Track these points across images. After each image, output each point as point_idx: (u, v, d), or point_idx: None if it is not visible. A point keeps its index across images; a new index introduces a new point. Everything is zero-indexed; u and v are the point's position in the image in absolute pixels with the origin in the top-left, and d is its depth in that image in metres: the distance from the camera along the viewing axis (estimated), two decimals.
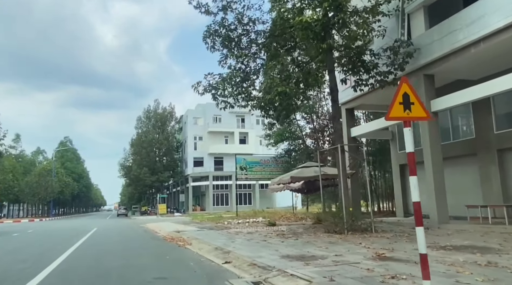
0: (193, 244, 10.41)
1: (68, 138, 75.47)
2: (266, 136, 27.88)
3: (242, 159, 27.05)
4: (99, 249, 10.36)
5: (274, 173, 27.36)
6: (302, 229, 13.43)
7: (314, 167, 13.86)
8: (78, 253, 9.49)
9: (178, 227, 18.32)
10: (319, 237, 10.42)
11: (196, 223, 21.80)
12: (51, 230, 21.38)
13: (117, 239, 13.85)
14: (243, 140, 55.75)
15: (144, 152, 53.22)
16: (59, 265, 7.52)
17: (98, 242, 12.38)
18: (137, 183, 54.84)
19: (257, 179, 27.90)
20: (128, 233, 16.95)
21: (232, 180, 52.65)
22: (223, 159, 54.89)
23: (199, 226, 18.83)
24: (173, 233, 14.65)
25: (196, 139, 55.01)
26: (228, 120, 55.23)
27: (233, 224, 18.96)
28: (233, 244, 9.45)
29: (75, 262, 7.99)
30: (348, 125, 16.31)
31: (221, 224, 19.74)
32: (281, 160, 27.29)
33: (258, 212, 27.96)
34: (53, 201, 55.67)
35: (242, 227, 16.54)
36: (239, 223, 19.43)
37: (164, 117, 55.31)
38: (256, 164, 27.07)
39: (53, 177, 52.92)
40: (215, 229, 15.45)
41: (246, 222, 19.75)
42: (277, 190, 16.73)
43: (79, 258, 8.55)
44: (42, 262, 7.82)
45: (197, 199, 56.77)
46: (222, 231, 14.11)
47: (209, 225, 19.42)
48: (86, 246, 11.25)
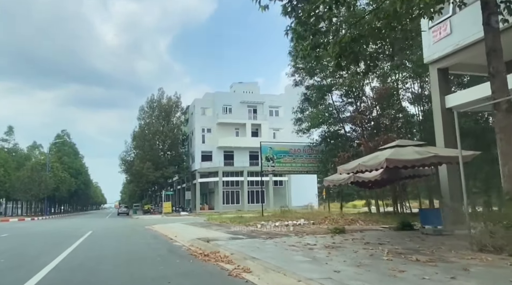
0: (256, 271, 5.80)
1: (66, 132, 70.81)
2: (296, 122, 23.23)
3: (269, 147, 22.37)
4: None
5: (306, 165, 22.75)
6: (400, 239, 8.84)
7: (413, 146, 9.22)
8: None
9: (199, 232, 13.69)
10: (474, 258, 5.85)
11: (218, 226, 17.18)
12: (32, 234, 16.73)
13: (117, 254, 9.17)
14: (255, 133, 51.08)
15: (147, 145, 48.63)
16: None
17: (84, 264, 7.42)
18: (140, 179, 50.18)
19: (286, 172, 23.20)
20: (133, 241, 12.29)
21: (243, 176, 48.06)
22: (233, 153, 50.25)
23: (226, 230, 14.19)
24: (198, 242, 10.05)
25: (204, 131, 50.32)
26: (239, 110, 50.59)
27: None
28: (339, 276, 4.86)
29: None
30: (441, 92, 11.65)
31: (253, 227, 15.14)
32: (316, 149, 22.63)
33: (288, 211, 23.34)
34: (48, 198, 51.05)
35: (292, 232, 11.94)
36: (277, 225, 14.81)
37: (169, 107, 50.62)
38: (284, 153, 22.41)
39: (48, 172, 48.31)
40: (257, 237, 10.82)
41: (285, 224, 15.16)
42: (338, 182, 12.10)
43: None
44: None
45: (204, 197, 52.15)
46: (276, 241, 9.49)
47: (238, 228, 14.80)
48: (61, 275, 6.42)
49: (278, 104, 52.30)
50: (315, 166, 22.50)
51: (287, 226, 14.99)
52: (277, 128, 51.66)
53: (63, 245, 10.69)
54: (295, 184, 49.35)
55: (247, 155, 50.52)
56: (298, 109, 22.93)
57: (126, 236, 14.48)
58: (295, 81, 23.63)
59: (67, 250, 9.49)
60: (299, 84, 23.57)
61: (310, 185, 54.66)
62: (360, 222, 16.07)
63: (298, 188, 49.53)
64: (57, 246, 10.66)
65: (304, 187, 50.97)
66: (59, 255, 8.45)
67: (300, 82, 23.50)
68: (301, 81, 23.46)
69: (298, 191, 49.39)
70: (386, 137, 18.50)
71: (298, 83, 23.58)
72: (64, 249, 9.73)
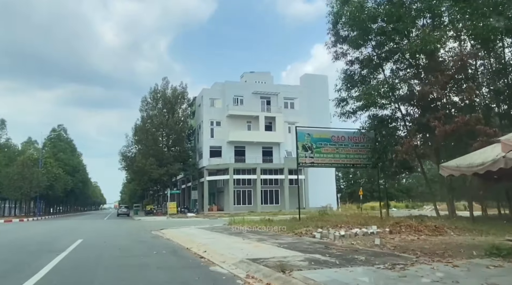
0: None
1: (63, 127, 66.24)
2: (339, 103, 18.76)
3: (306, 134, 17.88)
4: None
5: (352, 156, 18.24)
6: None
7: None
8: None
9: (238, 245, 9.22)
10: None
11: (252, 233, 12.70)
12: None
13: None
14: (269, 126, 46.58)
15: (150, 139, 44.10)
16: None
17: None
18: (142, 177, 45.64)
19: (327, 164, 18.65)
20: (142, 263, 7.72)
21: (256, 174, 43.55)
22: (245, 148, 45.76)
23: (274, 241, 9.71)
24: (258, 268, 5.65)
25: (213, 124, 45.79)
26: (251, 102, 46.11)
27: (340, 239, 9.85)
28: None
29: None
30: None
31: (309, 236, 10.69)
32: (364, 136, 18.20)
33: (326, 214, 18.92)
34: (40, 197, 46.55)
35: (396, 250, 7.49)
36: (343, 235, 10.31)
37: (174, 98, 46.06)
38: (325, 141, 17.93)
39: (40, 168, 43.77)
40: (349, 260, 6.35)
41: (353, 233, 10.69)
42: (470, 170, 7.62)
43: None
44: None
45: (211, 197, 47.65)
46: (411, 274, 5.03)
47: (290, 239, 10.37)
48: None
49: (294, 95, 47.84)
50: (365, 157, 18.02)
51: (361, 235, 10.55)
52: (293, 122, 46.94)
53: (22, 274, 6.20)
54: (312, 182, 44.79)
55: (260, 151, 46.07)
56: (343, 87, 18.47)
57: (128, 249, 9.97)
58: (336, 54, 19.21)
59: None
60: (341, 57, 19.17)
61: (328, 184, 50.22)
62: (446, 229, 11.64)
63: (315, 187, 45.00)
64: (12, 275, 6.17)
65: (322, 186, 46.52)
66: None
67: (342, 55, 19.09)
68: (343, 54, 19.05)
69: (315, 190, 44.82)
70: (467, 118, 14.12)
71: (339, 56, 19.17)
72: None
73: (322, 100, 46.57)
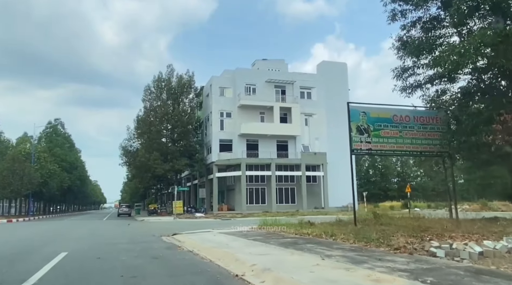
0: None
1: (60, 121, 62.19)
2: (401, 73, 14.67)
3: (360, 112, 13.84)
4: None
5: (420, 141, 14.13)
6: None
7: None
8: None
9: (314, 267, 5.14)
10: None
11: (309, 242, 8.64)
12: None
13: None
14: (284, 118, 42.53)
15: (154, 132, 40.09)
16: None
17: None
18: (145, 173, 41.59)
19: (389, 152, 14.52)
20: None
21: (270, 170, 39.49)
22: (258, 142, 41.71)
23: (374, 264, 5.65)
24: None
25: (223, 116, 41.78)
26: (264, 91, 42.09)
27: (475, 258, 5.84)
28: None
29: None
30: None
31: (410, 249, 6.68)
32: (436, 117, 14.17)
33: (378, 215, 14.93)
34: (33, 195, 42.58)
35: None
36: (482, 253, 6.33)
37: (180, 87, 42.01)
38: (386, 122, 13.93)
39: (33, 163, 39.77)
40: None
41: (490, 247, 6.67)
42: None
43: None
44: None
45: (220, 195, 43.68)
46: None
47: (402, 259, 6.32)
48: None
49: (310, 85, 43.77)
50: (437, 142, 13.94)
51: (504, 252, 6.52)
52: (310, 114, 43.19)
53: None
54: (331, 179, 40.60)
55: (275, 145, 42.03)
56: (406, 53, 14.36)
57: (137, 280, 5.90)
58: (393, 13, 15.14)
59: None
60: (399, 17, 15.10)
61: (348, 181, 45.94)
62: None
63: (334, 185, 40.76)
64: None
65: (341, 184, 42.38)
66: None
67: (402, 15, 15.03)
68: (402, 14, 15.00)
69: (334, 188, 40.55)
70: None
71: (397, 16, 15.10)
72: None
73: (341, 90, 42.58)
